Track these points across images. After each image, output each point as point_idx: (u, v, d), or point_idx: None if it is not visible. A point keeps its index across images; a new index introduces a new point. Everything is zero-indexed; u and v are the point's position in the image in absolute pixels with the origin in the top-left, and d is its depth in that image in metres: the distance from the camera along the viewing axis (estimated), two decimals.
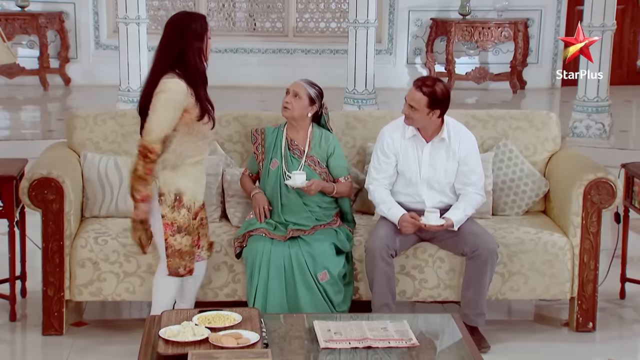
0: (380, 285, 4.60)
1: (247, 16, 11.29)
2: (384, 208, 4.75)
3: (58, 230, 4.65)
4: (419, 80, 4.73)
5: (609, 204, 4.79)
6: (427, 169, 4.76)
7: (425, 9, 10.91)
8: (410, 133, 4.78)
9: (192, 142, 4.33)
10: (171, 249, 4.35)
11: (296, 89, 4.78)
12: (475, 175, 4.79)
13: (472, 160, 4.78)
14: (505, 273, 4.78)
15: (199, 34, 4.29)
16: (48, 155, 5.05)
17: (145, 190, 4.23)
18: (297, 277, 4.57)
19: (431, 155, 4.77)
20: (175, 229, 4.34)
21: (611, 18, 7.94)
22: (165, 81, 4.22)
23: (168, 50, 4.29)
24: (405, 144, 4.79)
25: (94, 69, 10.90)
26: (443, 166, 4.76)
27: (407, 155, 4.78)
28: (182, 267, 4.38)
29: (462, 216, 4.69)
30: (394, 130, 4.83)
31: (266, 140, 4.87)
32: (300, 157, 4.80)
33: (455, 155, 4.76)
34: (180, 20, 4.33)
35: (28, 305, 5.10)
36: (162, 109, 4.20)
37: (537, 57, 11.04)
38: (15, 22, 10.51)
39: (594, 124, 8.21)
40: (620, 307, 5.24)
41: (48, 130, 8.91)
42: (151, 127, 4.21)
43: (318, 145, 4.84)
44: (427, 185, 4.78)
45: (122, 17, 8.31)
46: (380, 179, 4.80)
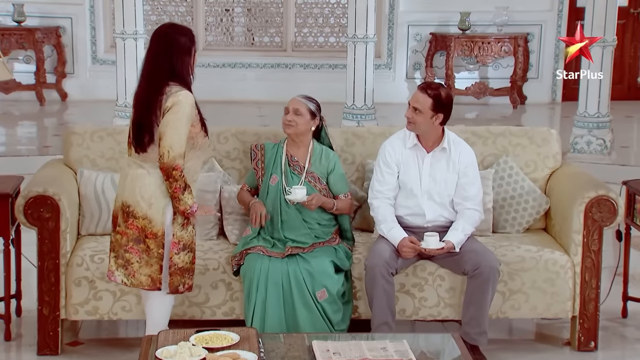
0: (380, 303, 4.56)
1: (246, 31, 11.28)
2: (384, 228, 4.72)
3: (54, 248, 4.61)
4: (423, 84, 4.80)
5: (610, 222, 4.76)
6: (428, 180, 4.75)
7: (425, 24, 10.90)
8: (412, 142, 4.77)
9: (197, 158, 4.31)
10: (174, 267, 4.30)
11: (296, 105, 4.76)
12: (474, 188, 4.77)
13: (471, 172, 4.78)
14: (506, 291, 4.74)
15: (187, 47, 4.24)
16: (44, 172, 5.01)
17: (184, 205, 4.20)
18: (296, 295, 4.52)
19: (432, 165, 4.76)
20: (181, 247, 4.30)
21: (612, 33, 7.94)
22: (174, 94, 4.15)
23: (159, 63, 4.21)
24: (406, 153, 4.78)
25: (90, 84, 10.88)
26: (443, 177, 4.75)
27: (408, 165, 4.77)
28: (182, 285, 4.34)
29: (461, 237, 4.67)
30: (395, 141, 4.83)
31: (266, 156, 4.85)
32: (300, 174, 4.78)
33: (455, 166, 4.76)
34: (167, 32, 4.26)
35: (23, 325, 5.05)
36: (178, 123, 4.14)
37: (537, 72, 11.02)
38: (12, 37, 10.51)
39: (595, 139, 8.19)
40: (623, 326, 5.19)
41: (44, 146, 8.88)
42: (170, 144, 4.13)
43: (318, 161, 4.81)
44: (427, 196, 4.76)
45: (119, 32, 8.29)
46: (384, 191, 4.77)
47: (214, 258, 4.71)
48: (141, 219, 4.24)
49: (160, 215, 4.23)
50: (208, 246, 4.82)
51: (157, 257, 4.26)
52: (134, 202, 4.26)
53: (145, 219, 4.24)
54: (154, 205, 4.24)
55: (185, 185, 4.20)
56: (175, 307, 4.61)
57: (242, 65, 11.04)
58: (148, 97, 4.20)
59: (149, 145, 4.23)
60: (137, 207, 4.25)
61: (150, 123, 4.20)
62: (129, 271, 4.30)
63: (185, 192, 4.19)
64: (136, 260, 4.28)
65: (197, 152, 4.30)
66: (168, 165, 4.14)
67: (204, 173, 4.96)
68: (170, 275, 4.30)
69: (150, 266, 4.27)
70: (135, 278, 4.30)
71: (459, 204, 4.77)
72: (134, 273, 4.29)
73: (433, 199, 4.77)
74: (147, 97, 4.20)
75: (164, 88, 4.18)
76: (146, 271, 4.28)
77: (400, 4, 10.89)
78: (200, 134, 4.27)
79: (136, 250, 4.28)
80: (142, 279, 4.29)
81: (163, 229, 4.24)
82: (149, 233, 4.24)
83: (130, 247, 4.28)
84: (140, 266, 4.28)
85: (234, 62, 11.02)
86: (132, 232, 4.27)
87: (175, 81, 4.20)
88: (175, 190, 4.18)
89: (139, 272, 4.29)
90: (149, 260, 4.27)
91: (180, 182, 4.17)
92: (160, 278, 4.28)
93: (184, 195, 4.19)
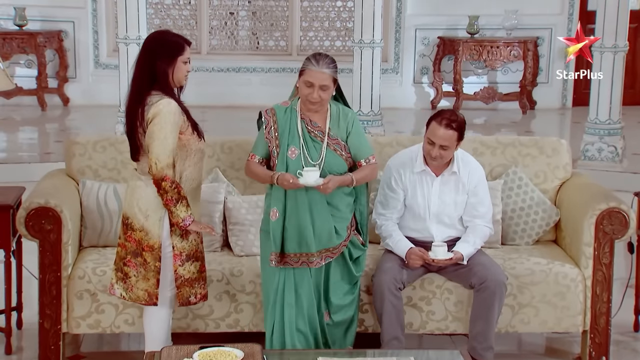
0: (390, 319, 4.52)
1: (250, 34, 11.22)
2: (390, 242, 4.67)
3: (55, 261, 4.56)
4: (443, 119, 4.51)
5: (622, 235, 4.70)
6: (437, 203, 4.68)
7: (433, 28, 10.82)
8: (420, 167, 4.68)
9: (194, 165, 4.23)
10: (181, 279, 4.24)
11: (323, 81, 4.24)
12: (484, 207, 4.71)
13: (481, 191, 4.71)
14: (515, 305, 4.68)
15: (169, 55, 4.13)
16: (46, 183, 4.95)
17: (176, 218, 4.12)
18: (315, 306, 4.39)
19: (441, 189, 4.69)
20: (184, 258, 4.23)
21: (623, 39, 7.86)
22: (155, 104, 4.08)
23: (142, 70, 4.15)
24: (414, 178, 4.69)
25: (93, 88, 10.82)
26: (452, 199, 4.68)
27: (416, 190, 4.69)
28: (193, 295, 4.28)
29: (471, 249, 4.61)
30: (401, 165, 4.72)
31: (279, 123, 4.34)
32: (322, 140, 4.32)
33: (465, 187, 4.69)
34: (152, 39, 4.21)
35: (24, 338, 5.00)
36: (162, 134, 4.07)
37: (547, 77, 10.92)
38: (14, 41, 10.45)
39: (606, 147, 8.12)
40: (635, 340, 5.13)
41: (46, 152, 8.83)
42: (157, 155, 4.07)
43: (337, 123, 4.35)
44: (436, 219, 4.69)
45: (122, 38, 8.25)
46: (387, 214, 4.72)
47: (217, 269, 4.65)
48: (138, 231, 4.19)
49: (156, 228, 4.17)
50: (212, 257, 4.75)
51: (154, 270, 4.19)
52: (132, 214, 4.21)
53: (142, 231, 4.18)
54: (150, 217, 4.17)
55: (180, 197, 4.11)
56: (178, 320, 4.58)
57: (247, 70, 10.98)
58: (131, 108, 4.16)
59: (141, 155, 4.19)
60: (134, 219, 4.20)
61: (136, 133, 4.15)
62: (127, 285, 4.25)
63: (178, 204, 4.11)
64: (134, 274, 4.23)
65: (193, 159, 4.21)
66: (157, 177, 4.08)
67: (208, 183, 4.89)
68: (178, 287, 4.24)
69: (147, 280, 4.21)
70: (133, 292, 4.24)
71: (469, 221, 4.71)
72: (131, 287, 4.24)
73: (442, 221, 4.70)
74: (131, 107, 4.16)
75: (145, 98, 4.12)
76: (143, 286, 4.22)
77: (407, 7, 10.81)
78: (193, 139, 4.19)
79: (134, 263, 4.22)
80: (140, 293, 4.23)
81: (159, 241, 4.17)
82: (145, 246, 4.18)
83: (128, 260, 4.23)
84: (138, 280, 4.22)
85: (239, 66, 10.96)
86: (130, 245, 4.22)
87: (157, 89, 4.12)
88: (167, 202, 4.11)
89: (136, 287, 4.23)
90: (146, 274, 4.20)
91: (170, 193, 4.09)
92: (156, 293, 4.21)
93: (177, 207, 4.11)
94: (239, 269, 4.69)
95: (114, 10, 10.23)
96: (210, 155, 5.01)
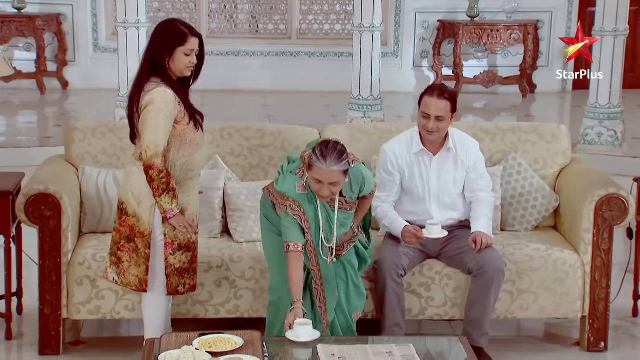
0: (391, 305, 4.53)
1: (250, 18, 11.17)
2: (386, 222, 4.68)
3: (55, 247, 4.56)
4: (434, 90, 4.58)
5: (621, 221, 4.70)
6: (436, 182, 4.68)
7: (433, 11, 10.78)
8: (418, 148, 4.68)
9: (188, 155, 4.21)
10: (171, 268, 4.25)
11: (332, 178, 4.02)
12: (484, 180, 4.75)
13: (480, 166, 4.74)
14: (514, 291, 4.68)
15: (170, 43, 4.13)
16: (45, 169, 4.94)
17: (160, 208, 4.12)
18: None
19: (439, 167, 4.69)
20: (176, 247, 4.23)
21: (624, 22, 7.82)
22: (150, 92, 4.09)
23: (145, 57, 4.18)
24: (411, 159, 4.69)
25: (92, 72, 10.78)
26: (452, 176, 4.69)
27: (414, 171, 4.69)
28: (182, 285, 4.29)
29: (487, 223, 4.63)
30: (398, 147, 4.71)
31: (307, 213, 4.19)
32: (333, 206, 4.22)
33: (464, 164, 4.70)
34: (158, 27, 4.21)
35: (24, 323, 5.01)
36: (153, 122, 4.07)
37: (547, 60, 10.89)
38: (12, 24, 10.40)
39: (606, 131, 8.10)
40: (633, 326, 5.13)
41: (45, 137, 8.82)
42: (147, 144, 4.07)
43: (349, 189, 4.25)
44: (436, 201, 4.70)
45: (121, 22, 8.21)
46: (382, 197, 4.70)
47: (217, 255, 4.66)
48: (131, 216, 4.21)
49: (147, 215, 4.18)
50: (212, 244, 4.76)
51: (144, 257, 4.21)
52: (126, 199, 4.22)
53: (135, 216, 4.20)
54: (142, 204, 4.18)
55: (167, 188, 4.09)
56: (178, 306, 4.59)
57: (246, 54, 10.94)
58: (132, 92, 4.18)
59: (137, 140, 4.20)
60: (128, 204, 4.21)
61: (133, 118, 4.17)
62: (120, 269, 4.27)
63: (164, 194, 4.09)
64: (126, 259, 4.24)
65: (189, 150, 4.20)
66: (145, 165, 4.08)
67: (207, 170, 4.89)
68: (167, 276, 4.25)
69: (139, 266, 4.22)
70: (125, 277, 4.26)
71: (471, 197, 4.72)
72: (124, 272, 4.26)
73: (442, 202, 4.71)
74: (132, 92, 4.18)
75: (143, 84, 4.13)
76: (134, 271, 4.23)
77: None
78: (189, 130, 4.17)
79: (127, 248, 4.24)
80: (131, 279, 4.25)
81: (150, 228, 4.18)
82: (137, 232, 4.20)
83: (122, 245, 4.25)
84: (130, 265, 4.24)
85: (238, 50, 10.92)
86: (124, 230, 4.23)
87: (157, 77, 4.13)
88: (154, 190, 4.10)
89: (128, 272, 4.25)
90: (138, 260, 4.22)
91: (157, 182, 4.08)
92: (146, 279, 4.22)
93: (162, 197, 4.10)
94: (238, 255, 4.69)
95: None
96: (210, 141, 5.01)
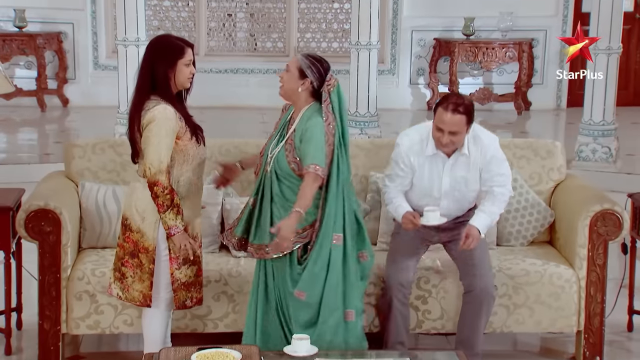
0: (396, 324, 4.54)
1: (248, 36, 11.23)
2: (391, 208, 4.61)
3: (55, 262, 4.58)
4: (449, 104, 4.41)
5: (615, 236, 4.73)
6: (449, 182, 4.55)
7: (429, 29, 10.83)
8: (431, 151, 4.55)
9: (192, 170, 4.25)
10: (177, 282, 4.26)
11: (289, 62, 4.27)
12: (501, 176, 4.56)
13: (495, 166, 4.54)
14: (510, 305, 4.71)
15: (169, 58, 4.15)
16: (45, 185, 4.98)
17: (164, 224, 4.14)
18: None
19: (452, 169, 4.55)
20: (181, 262, 4.25)
21: (617, 41, 7.87)
22: (150, 110, 4.11)
23: (143, 75, 4.18)
24: (422, 160, 4.56)
25: (92, 89, 10.82)
26: (464, 177, 4.56)
27: (424, 172, 4.57)
28: (189, 299, 4.31)
29: (486, 221, 4.52)
30: (411, 148, 4.58)
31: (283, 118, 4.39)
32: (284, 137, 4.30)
33: (477, 165, 4.54)
34: (153, 43, 4.23)
35: (24, 339, 5.03)
36: (155, 139, 4.10)
37: (542, 78, 10.95)
38: (13, 42, 10.44)
39: (600, 147, 8.13)
40: (628, 340, 5.17)
41: (45, 153, 8.83)
42: (151, 161, 4.10)
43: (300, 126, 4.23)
44: (448, 197, 4.58)
45: (121, 39, 8.25)
46: (391, 186, 4.63)
47: (215, 270, 4.68)
48: (135, 232, 4.22)
49: (152, 230, 4.20)
50: (210, 258, 4.79)
51: (148, 272, 4.23)
52: (130, 214, 4.25)
53: (139, 232, 4.22)
54: (146, 219, 4.21)
55: (171, 205, 4.12)
56: (177, 320, 4.60)
57: (245, 71, 10.99)
58: (132, 112, 4.20)
59: (139, 158, 4.23)
60: (132, 219, 4.23)
61: (135, 137, 4.20)
62: (124, 285, 4.28)
63: (168, 210, 4.12)
64: (130, 274, 4.26)
65: (191, 165, 4.23)
66: (150, 182, 4.11)
67: (206, 185, 4.91)
68: (174, 291, 4.26)
69: (142, 282, 4.24)
70: (129, 293, 4.27)
71: (486, 190, 4.58)
72: (127, 287, 4.27)
73: (453, 197, 4.58)
74: (131, 111, 4.20)
75: (144, 103, 4.15)
76: (138, 287, 4.25)
77: (403, 9, 10.83)
78: (191, 145, 4.21)
79: (131, 264, 4.25)
80: (135, 294, 4.27)
81: (154, 244, 4.20)
82: (141, 247, 4.22)
83: (126, 260, 4.26)
84: (134, 281, 4.26)
85: (237, 67, 10.97)
86: (128, 246, 4.25)
87: (157, 95, 4.15)
88: (158, 207, 4.13)
89: (132, 287, 4.26)
90: (142, 275, 4.24)
91: (162, 198, 4.11)
92: (150, 294, 4.24)
93: (166, 214, 4.13)
94: (237, 269, 4.72)
95: (112, 12, 10.23)
96: (209, 157, 5.02)
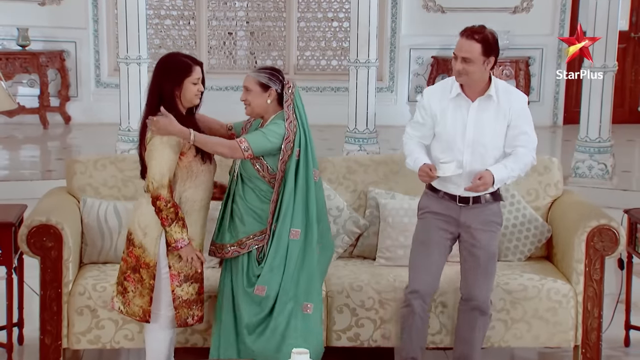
0: (410, 339, 4.48)
1: (248, 54, 11.32)
2: (410, 160, 4.44)
3: (56, 277, 4.60)
4: (466, 30, 4.29)
5: (612, 252, 4.75)
6: (473, 131, 4.33)
7: (426, 47, 10.91)
8: (455, 92, 4.35)
9: (195, 187, 4.28)
10: (179, 300, 4.28)
11: (245, 83, 4.33)
12: (527, 136, 4.37)
13: (523, 122, 4.36)
14: (508, 320, 4.73)
15: (176, 76, 4.20)
16: (47, 201, 5.01)
17: (169, 237, 4.17)
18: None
19: (477, 115, 4.34)
20: (182, 279, 4.27)
21: (612, 59, 7.94)
22: None
23: (151, 92, 4.24)
24: (445, 105, 4.37)
25: (94, 107, 10.90)
26: (492, 127, 4.34)
27: (447, 118, 4.37)
28: (191, 317, 4.32)
29: (503, 173, 4.31)
30: (433, 93, 4.44)
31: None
32: None
33: (506, 116, 4.34)
34: (162, 61, 4.28)
35: (25, 354, 5.04)
36: (158, 154, 4.15)
37: (538, 96, 11.03)
38: (16, 61, 10.53)
39: (597, 164, 8.19)
40: (625, 355, 5.18)
41: (47, 170, 8.89)
42: (152, 175, 4.16)
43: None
44: (471, 150, 4.36)
45: (123, 57, 8.31)
46: (411, 134, 4.50)
47: (214, 285, 4.67)
48: (137, 247, 4.26)
49: (153, 246, 4.23)
50: (209, 274, 4.78)
51: (148, 288, 4.25)
52: (134, 229, 4.28)
53: (141, 247, 4.25)
54: (148, 235, 4.24)
55: (176, 218, 4.17)
56: (177, 335, 4.60)
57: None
58: (141, 128, 4.25)
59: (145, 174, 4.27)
60: (135, 234, 4.27)
61: (142, 153, 4.26)
62: (125, 299, 4.31)
63: (173, 224, 4.16)
64: (131, 289, 4.29)
65: (195, 181, 4.27)
66: (152, 196, 4.16)
67: None
68: (176, 308, 4.28)
69: (142, 297, 4.26)
70: (130, 307, 4.30)
71: (510, 151, 4.39)
72: (129, 302, 4.30)
73: (477, 151, 4.35)
74: (141, 127, 4.26)
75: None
76: (139, 302, 4.28)
77: (402, 27, 10.92)
78: (195, 162, 4.25)
79: (132, 279, 4.28)
80: (135, 309, 4.29)
81: (155, 259, 4.23)
82: (142, 263, 4.25)
83: (128, 275, 4.30)
84: (134, 296, 4.28)
85: (237, 85, 10.99)
86: (130, 260, 4.29)
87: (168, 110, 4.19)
88: (162, 220, 4.17)
89: (132, 302, 4.29)
90: (142, 290, 4.26)
91: (165, 212, 4.15)
92: (149, 310, 4.26)
93: (171, 227, 4.17)
94: None
95: (114, 31, 10.32)
96: None
